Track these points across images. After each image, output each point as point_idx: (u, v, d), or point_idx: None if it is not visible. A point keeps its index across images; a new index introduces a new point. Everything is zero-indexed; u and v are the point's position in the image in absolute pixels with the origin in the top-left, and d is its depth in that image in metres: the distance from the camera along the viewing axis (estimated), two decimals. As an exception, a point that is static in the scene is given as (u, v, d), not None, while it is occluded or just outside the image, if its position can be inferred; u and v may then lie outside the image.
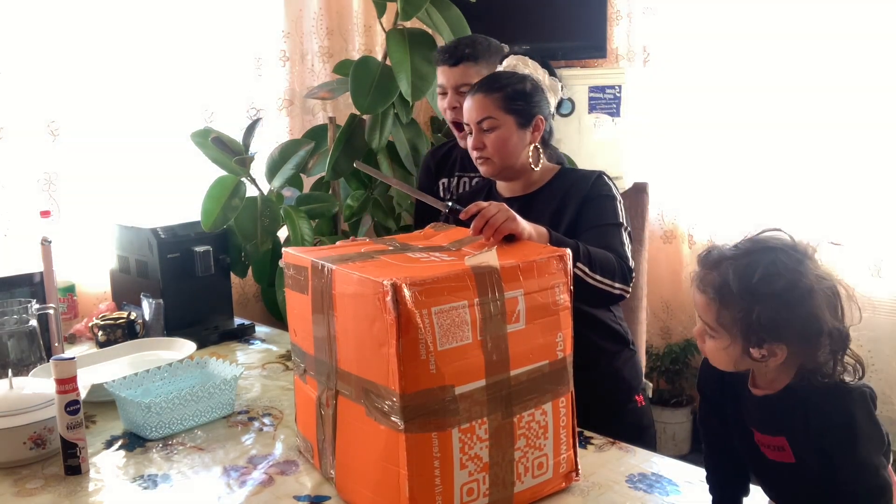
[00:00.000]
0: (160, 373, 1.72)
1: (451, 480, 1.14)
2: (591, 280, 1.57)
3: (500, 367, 1.18)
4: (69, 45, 2.46)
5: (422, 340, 1.10)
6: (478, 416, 1.16)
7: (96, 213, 2.51)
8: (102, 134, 2.55)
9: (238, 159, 2.41)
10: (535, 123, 1.73)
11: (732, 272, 1.12)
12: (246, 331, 2.34)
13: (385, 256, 1.29)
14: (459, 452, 1.15)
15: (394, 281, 1.08)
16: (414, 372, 1.11)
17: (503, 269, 1.19)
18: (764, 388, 1.18)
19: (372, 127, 2.71)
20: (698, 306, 1.17)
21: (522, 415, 1.21)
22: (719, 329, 1.13)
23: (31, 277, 2.07)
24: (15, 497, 1.36)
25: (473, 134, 1.73)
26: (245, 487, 1.37)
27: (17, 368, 1.73)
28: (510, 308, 1.19)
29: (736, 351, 1.13)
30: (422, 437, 1.12)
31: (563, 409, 1.27)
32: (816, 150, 2.87)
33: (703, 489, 1.29)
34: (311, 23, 3.06)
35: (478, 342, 1.15)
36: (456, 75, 2.01)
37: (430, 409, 1.12)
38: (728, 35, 3.04)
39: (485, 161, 1.75)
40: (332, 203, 2.67)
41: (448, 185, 2.18)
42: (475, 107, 1.72)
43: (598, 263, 1.57)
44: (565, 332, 1.27)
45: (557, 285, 1.25)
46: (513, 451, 1.20)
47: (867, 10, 2.70)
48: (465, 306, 1.14)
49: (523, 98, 1.72)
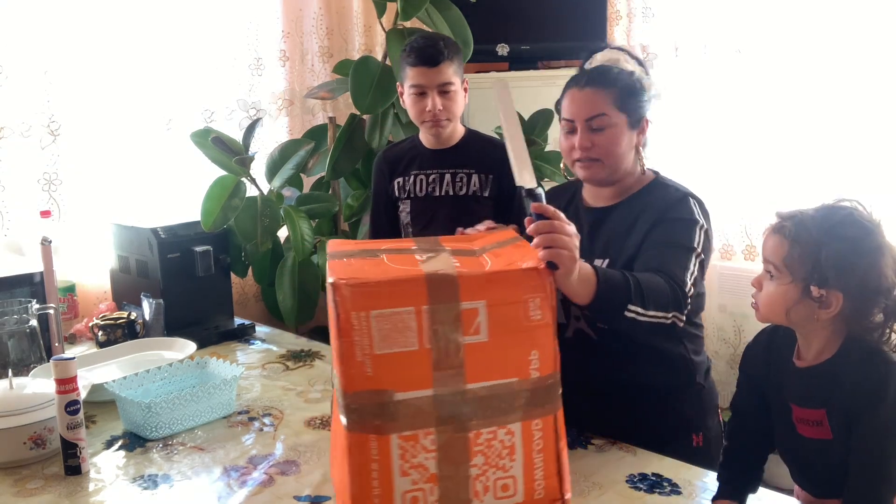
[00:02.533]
0: (160, 373, 1.72)
1: (391, 485, 1.13)
2: (645, 318, 1.38)
3: (454, 379, 1.13)
4: (69, 45, 2.46)
5: (357, 342, 1.10)
6: (423, 426, 1.12)
7: (96, 213, 2.51)
8: (102, 134, 2.55)
9: (238, 159, 2.41)
10: (642, 125, 1.58)
11: (813, 216, 1.20)
12: (246, 331, 2.34)
13: (386, 255, 1.28)
14: (400, 459, 1.12)
15: (334, 281, 1.10)
16: (350, 372, 1.11)
17: (463, 277, 1.13)
18: (808, 360, 1.22)
19: (372, 127, 2.71)
20: (767, 249, 1.23)
21: (481, 431, 1.14)
22: (783, 269, 1.19)
23: (31, 277, 2.06)
24: (15, 497, 1.36)
25: (579, 132, 1.53)
26: (245, 487, 1.37)
27: (18, 368, 1.73)
28: (468, 318, 1.12)
29: (794, 293, 1.18)
30: (361, 437, 1.12)
31: (537, 432, 1.17)
32: (817, 150, 2.87)
33: (703, 489, 1.29)
34: (311, 23, 3.06)
35: (425, 350, 1.11)
36: (437, 75, 2.02)
37: (368, 412, 1.11)
38: (728, 35, 3.04)
39: (590, 164, 1.54)
40: (332, 203, 2.67)
41: (403, 184, 2.17)
42: (587, 101, 1.53)
43: (650, 297, 1.38)
44: (543, 351, 1.16)
45: (532, 299, 1.15)
46: (468, 467, 1.15)
47: (867, 10, 2.70)
48: (410, 312, 1.11)
49: (635, 96, 1.55)
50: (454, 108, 2.08)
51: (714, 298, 3.07)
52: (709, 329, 3.16)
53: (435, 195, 2.14)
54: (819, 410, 1.20)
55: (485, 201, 2.13)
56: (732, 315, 3.09)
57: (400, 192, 2.18)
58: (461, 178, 2.13)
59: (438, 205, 2.13)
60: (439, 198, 2.13)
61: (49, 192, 2.45)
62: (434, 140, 2.14)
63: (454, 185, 2.13)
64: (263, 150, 2.74)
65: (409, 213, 2.16)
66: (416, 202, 2.16)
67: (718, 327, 3.13)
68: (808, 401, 1.22)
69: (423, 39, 2.08)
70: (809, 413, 1.22)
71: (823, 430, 1.20)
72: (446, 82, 2.03)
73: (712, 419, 1.64)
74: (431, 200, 2.14)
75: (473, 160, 2.14)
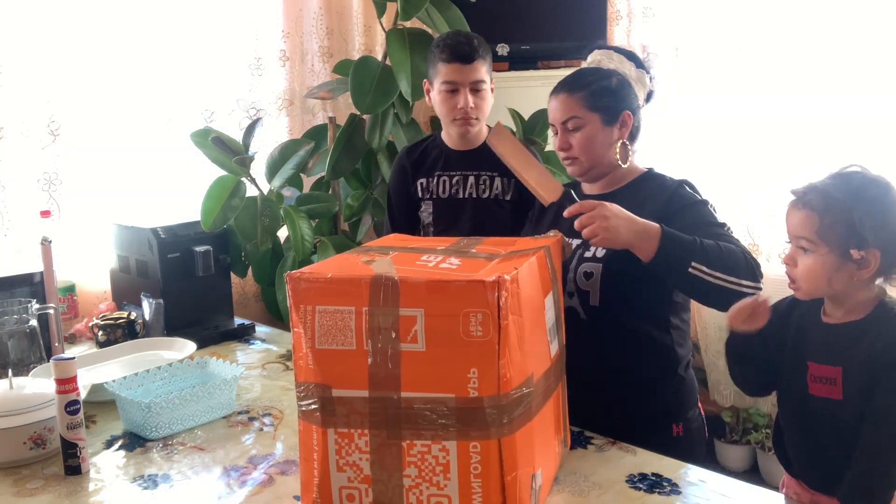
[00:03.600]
0: (160, 373, 1.72)
1: (329, 478, 1.16)
2: (713, 279, 1.43)
3: (389, 384, 1.12)
4: (69, 45, 2.46)
5: (303, 335, 1.15)
6: (358, 426, 1.14)
7: (96, 213, 2.51)
8: (102, 134, 2.55)
9: (238, 159, 2.41)
10: (623, 119, 1.67)
11: (832, 184, 1.25)
12: (246, 331, 2.34)
13: (395, 254, 1.29)
14: (335, 454, 1.15)
15: (291, 273, 1.15)
16: (298, 362, 1.17)
17: (404, 283, 1.10)
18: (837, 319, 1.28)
19: (372, 127, 2.71)
20: (795, 225, 1.28)
21: (414, 442, 1.12)
22: (818, 241, 1.24)
23: (31, 277, 2.06)
24: (15, 497, 1.35)
25: (559, 134, 1.68)
26: (245, 487, 1.37)
27: (17, 368, 1.73)
28: (406, 325, 1.10)
29: (833, 261, 1.23)
30: (308, 426, 1.18)
31: (475, 456, 1.11)
32: (817, 150, 2.87)
33: (703, 489, 1.29)
34: (311, 23, 3.06)
35: (362, 351, 1.12)
36: (472, 72, 2.00)
37: (312, 403, 1.16)
38: (728, 34, 3.04)
39: (572, 161, 1.69)
40: (332, 203, 2.67)
41: (427, 185, 2.15)
42: (559, 107, 1.66)
43: (718, 261, 1.44)
44: (484, 370, 1.09)
45: (472, 314, 1.08)
46: (401, 476, 1.13)
47: (867, 10, 2.70)
48: (350, 312, 1.12)
49: (609, 94, 1.65)
50: (485, 106, 2.07)
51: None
52: (709, 329, 3.16)
53: (458, 197, 2.12)
54: (836, 367, 1.25)
55: (506, 205, 2.11)
56: (732, 315, 3.08)
57: (423, 192, 2.16)
58: (484, 180, 2.11)
59: (461, 207, 2.12)
60: (462, 200, 2.12)
61: (49, 192, 2.45)
62: (459, 140, 2.12)
63: (477, 187, 2.11)
64: (263, 150, 2.74)
65: (431, 214, 2.15)
66: (438, 203, 2.14)
67: (719, 327, 3.13)
68: (827, 357, 1.27)
69: (458, 36, 2.06)
70: (826, 370, 1.26)
71: (836, 389, 1.25)
72: (479, 80, 2.02)
73: (693, 411, 1.69)
74: (454, 202, 2.12)
75: (497, 163, 2.11)
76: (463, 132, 2.07)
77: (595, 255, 1.61)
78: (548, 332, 1.27)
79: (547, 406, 1.26)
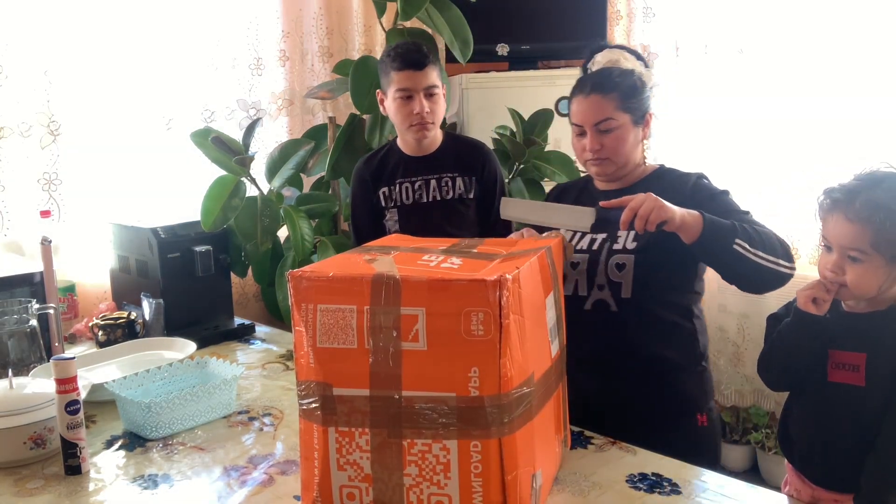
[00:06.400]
0: (160, 373, 1.72)
1: (329, 477, 1.16)
2: (755, 257, 1.47)
3: (390, 383, 1.12)
4: (69, 45, 2.46)
5: (305, 333, 1.15)
6: (359, 425, 1.14)
7: (96, 213, 2.51)
8: (102, 134, 2.55)
9: (238, 159, 2.41)
10: (646, 119, 1.70)
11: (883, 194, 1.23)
12: (246, 331, 2.34)
13: (396, 253, 1.29)
14: (336, 453, 1.16)
15: (293, 271, 1.16)
16: (299, 361, 1.18)
17: (406, 282, 1.11)
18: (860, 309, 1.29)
19: (372, 127, 2.71)
20: (845, 237, 1.26)
21: (415, 441, 1.12)
22: (872, 252, 1.23)
23: (31, 277, 2.06)
24: (15, 497, 1.35)
25: (589, 135, 1.65)
26: (245, 487, 1.37)
27: (17, 368, 1.73)
28: (407, 324, 1.11)
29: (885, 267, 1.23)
30: (308, 425, 1.18)
31: (476, 455, 1.11)
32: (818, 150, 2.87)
33: (703, 489, 1.29)
34: (311, 23, 3.06)
35: (364, 350, 1.12)
36: (424, 78, 2.06)
37: (313, 401, 1.16)
38: (728, 34, 3.04)
39: (601, 162, 1.67)
40: (332, 203, 2.67)
41: (390, 194, 2.18)
42: (592, 108, 1.64)
43: (757, 240, 1.48)
44: (485, 370, 1.09)
45: (473, 313, 1.08)
46: (401, 475, 1.14)
47: (867, 10, 2.70)
48: (352, 311, 1.12)
49: (637, 95, 1.66)
50: (439, 111, 2.13)
51: (715, 298, 3.07)
52: (710, 329, 3.16)
53: (423, 202, 2.16)
54: (860, 354, 1.26)
55: (469, 202, 2.18)
56: (733, 315, 3.09)
57: (387, 201, 2.19)
58: (446, 182, 2.17)
59: (427, 210, 2.16)
60: (427, 203, 2.17)
61: (49, 192, 2.45)
62: (416, 146, 2.16)
63: (440, 189, 2.16)
64: (263, 150, 2.74)
65: (398, 222, 2.18)
66: (403, 210, 2.18)
67: (719, 327, 3.13)
68: (852, 343, 1.28)
69: (407, 44, 2.11)
70: (849, 356, 1.27)
71: (858, 376, 1.25)
72: (432, 84, 2.08)
73: (712, 402, 1.71)
74: (419, 207, 2.16)
75: (456, 164, 2.18)
76: (420, 137, 2.12)
77: (625, 246, 1.62)
78: (549, 331, 1.28)
79: (547, 406, 1.26)
